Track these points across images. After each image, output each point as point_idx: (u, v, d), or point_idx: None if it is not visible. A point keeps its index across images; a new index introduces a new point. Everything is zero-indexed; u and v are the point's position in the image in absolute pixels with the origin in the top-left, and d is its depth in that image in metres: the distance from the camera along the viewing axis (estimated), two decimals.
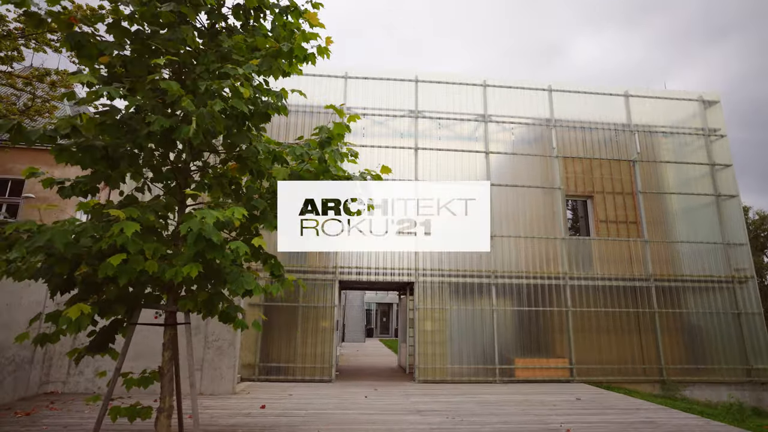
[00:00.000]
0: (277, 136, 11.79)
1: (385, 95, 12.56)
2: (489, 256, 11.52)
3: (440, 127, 12.51)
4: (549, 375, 10.84)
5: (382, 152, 12.09)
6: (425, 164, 12.09)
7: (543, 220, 11.98)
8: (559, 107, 12.84)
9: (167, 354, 4.61)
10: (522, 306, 11.26)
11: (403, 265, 11.39)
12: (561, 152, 12.50)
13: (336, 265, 11.21)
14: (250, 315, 10.74)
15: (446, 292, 11.24)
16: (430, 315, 11.09)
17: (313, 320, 10.90)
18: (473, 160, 12.26)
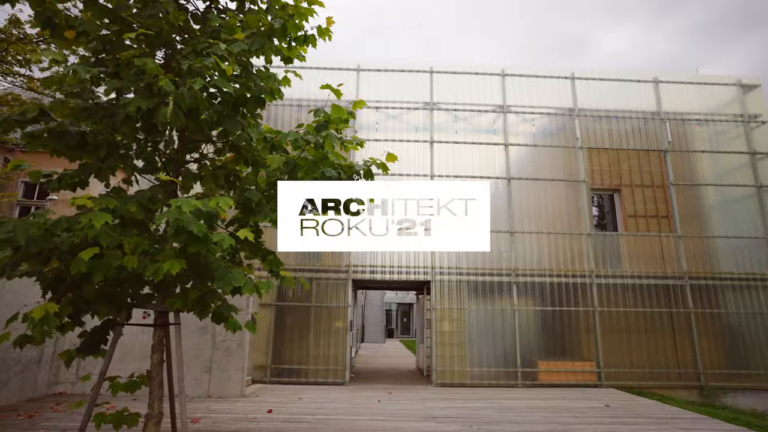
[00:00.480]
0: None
1: (398, 88, 12.13)
2: (509, 254, 10.94)
3: (457, 119, 12.00)
4: (575, 379, 10.19)
5: (396, 146, 11.65)
6: (441, 158, 11.60)
7: (567, 215, 11.33)
8: (582, 96, 12.15)
9: (156, 357, 4.30)
10: (545, 306, 10.65)
11: (419, 263, 10.93)
12: (585, 143, 11.81)
13: (349, 264, 10.84)
14: (262, 315, 10.48)
15: (464, 291, 10.72)
16: (447, 315, 10.60)
17: (326, 321, 10.55)
18: (492, 153, 11.70)
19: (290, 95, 11.90)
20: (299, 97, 11.92)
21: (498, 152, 11.70)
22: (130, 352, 8.42)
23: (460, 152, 11.68)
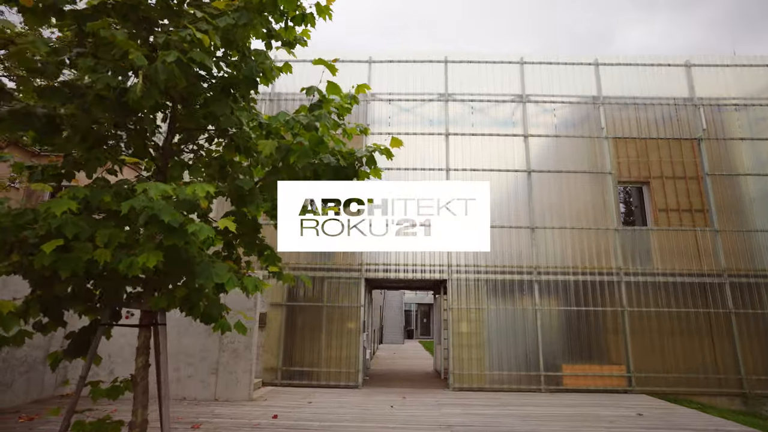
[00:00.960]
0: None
1: (412, 79, 11.68)
2: (531, 251, 10.35)
3: (473, 111, 11.46)
4: (603, 384, 9.52)
5: (409, 140, 11.20)
6: (457, 152, 11.09)
7: (592, 210, 10.66)
8: (607, 83, 11.44)
9: (141, 360, 3.97)
10: (569, 305, 10.01)
11: (434, 261, 10.45)
12: (611, 133, 11.11)
13: (362, 262, 10.44)
14: (273, 316, 10.18)
15: (483, 290, 10.18)
16: (465, 315, 10.08)
17: (338, 321, 10.18)
18: (510, 145, 11.12)
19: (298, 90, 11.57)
20: None
21: (517, 144, 11.12)
22: None
23: (477, 145, 11.14)
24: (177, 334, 8.32)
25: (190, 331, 8.32)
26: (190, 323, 8.35)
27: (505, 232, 10.49)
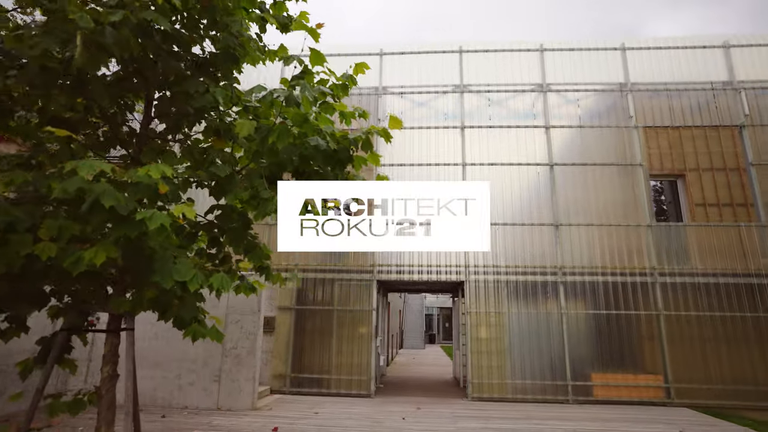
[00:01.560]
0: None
1: (425, 71, 11.12)
2: (554, 250, 9.60)
3: (490, 103, 10.81)
4: (638, 395, 8.68)
5: (422, 134, 10.64)
6: (474, 145, 10.45)
7: (621, 205, 9.83)
8: (635, 69, 10.61)
9: (107, 370, 3.54)
10: (598, 309, 9.21)
11: (450, 262, 9.82)
12: (641, 122, 10.27)
13: (374, 263, 9.90)
14: (281, 320, 9.74)
15: (503, 292, 9.49)
16: (484, 320, 9.41)
17: (349, 326, 9.66)
18: (531, 137, 10.41)
19: None
20: None
21: (538, 136, 10.40)
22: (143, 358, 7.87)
23: (495, 138, 10.48)
24: (180, 341, 7.95)
25: None
26: None
27: (526, 230, 9.78)
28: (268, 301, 9.83)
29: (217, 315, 8.08)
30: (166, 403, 7.64)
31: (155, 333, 7.97)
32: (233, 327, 7.93)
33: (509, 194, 10.04)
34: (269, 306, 9.80)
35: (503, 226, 9.82)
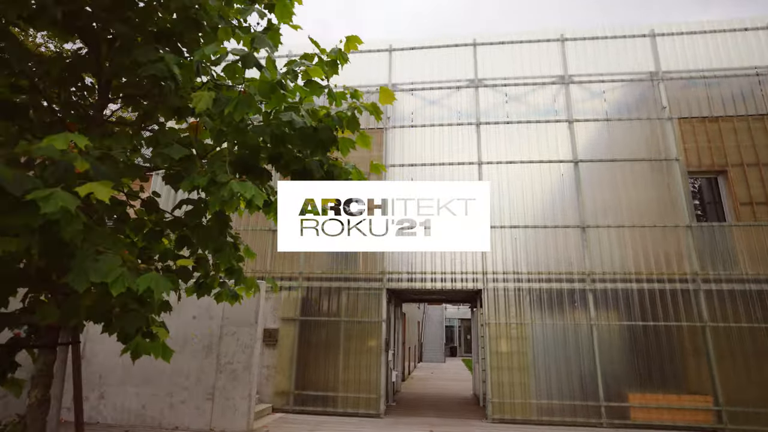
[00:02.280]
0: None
1: (437, 67, 10.47)
2: (582, 254, 8.70)
3: (507, 99, 10.05)
4: (683, 419, 7.64)
5: (435, 132, 9.96)
6: (490, 143, 9.69)
7: (656, 204, 8.88)
8: (666, 56, 9.70)
9: (35, 394, 2.93)
10: (633, 320, 8.23)
11: (467, 268, 9.02)
12: (675, 113, 9.33)
13: (383, 270, 9.19)
14: (285, 332, 9.10)
15: (526, 301, 8.63)
16: (504, 332, 8.55)
17: (357, 339, 8.94)
18: (553, 132, 9.59)
19: None
20: None
21: (561, 131, 9.57)
22: (131, 374, 7.34)
23: (513, 134, 9.70)
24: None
25: (186, 350, 7.37)
26: (185, 341, 7.42)
27: (550, 233, 8.92)
28: (272, 312, 9.23)
29: (211, 326, 7.53)
30: (156, 423, 7.06)
31: None
32: (229, 340, 7.32)
33: (530, 194, 9.22)
34: (272, 317, 9.18)
35: (524, 229, 8.99)
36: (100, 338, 7.57)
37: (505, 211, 9.15)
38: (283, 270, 9.47)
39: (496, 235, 9.02)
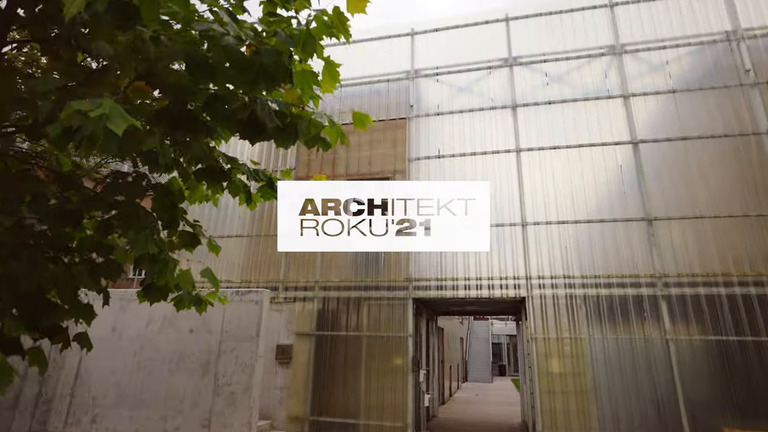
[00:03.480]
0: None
1: (464, 48, 9.33)
2: (649, 252, 7.12)
3: (548, 80, 8.70)
4: None
5: (465, 118, 8.77)
6: (530, 127, 8.37)
7: (740, 188, 7.17)
8: (748, 10, 8.03)
9: None
10: (723, 334, 6.53)
11: (507, 272, 7.67)
12: (762, 77, 7.62)
13: (409, 276, 8.01)
14: (300, 348, 8.08)
15: (580, 311, 7.13)
16: (555, 349, 7.08)
17: (381, 357, 7.76)
18: (605, 111, 8.13)
19: None
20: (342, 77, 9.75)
21: (614, 110, 8.09)
22: (125, 395, 6.56)
23: (556, 116, 8.33)
24: (168, 373, 6.56)
25: (181, 368, 6.51)
26: (181, 358, 6.56)
27: (607, 229, 7.41)
28: (285, 325, 8.26)
29: (209, 342, 6.63)
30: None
31: (137, 363, 6.65)
32: (227, 357, 6.37)
33: (579, 183, 7.77)
34: (286, 332, 8.20)
35: (574, 225, 7.54)
36: (96, 355, 6.88)
37: (551, 203, 7.75)
38: (297, 279, 8.52)
39: (540, 232, 7.63)
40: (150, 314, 6.89)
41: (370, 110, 9.33)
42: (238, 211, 9.37)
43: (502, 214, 7.92)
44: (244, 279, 8.81)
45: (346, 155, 9.31)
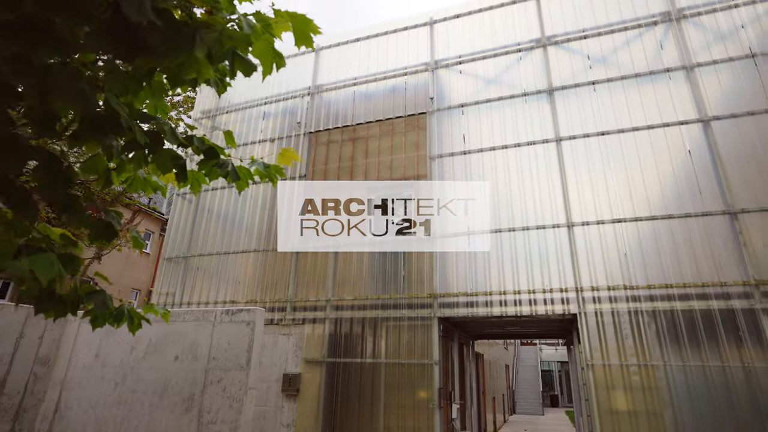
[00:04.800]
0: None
1: (489, 32, 8.28)
2: (736, 253, 5.58)
3: (590, 63, 7.45)
4: None
5: (492, 108, 7.63)
6: (571, 111, 7.11)
7: None
8: None
9: None
10: None
11: (551, 283, 6.30)
12: None
13: (433, 291, 6.79)
14: (309, 378, 6.98)
15: (651, 330, 5.63)
16: (619, 379, 5.59)
17: (401, 388, 6.52)
18: (663, 87, 6.75)
19: (343, 74, 9.05)
20: (356, 75, 8.96)
21: (675, 84, 6.70)
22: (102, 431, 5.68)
23: (603, 96, 7.03)
24: (149, 407, 5.62)
25: (164, 402, 5.56)
26: (165, 390, 5.62)
27: (677, 226, 5.94)
28: (293, 352, 7.21)
29: (195, 370, 5.66)
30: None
31: (118, 396, 5.77)
32: (213, 390, 5.36)
33: (637, 173, 6.38)
34: (294, 359, 7.15)
35: (634, 223, 6.13)
36: (78, 384, 6.10)
37: (602, 199, 6.39)
38: (307, 297, 7.50)
39: (591, 234, 6.25)
40: (135, 339, 6.05)
41: (387, 110, 8.40)
42: (245, 223, 8.56)
43: (542, 213, 6.62)
44: (250, 299, 7.89)
45: (365, 161, 8.36)
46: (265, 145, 9.15)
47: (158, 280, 8.69)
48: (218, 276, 8.29)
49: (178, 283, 8.55)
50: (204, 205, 9.10)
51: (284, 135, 9.04)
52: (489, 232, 6.82)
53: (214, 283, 8.21)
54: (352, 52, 9.21)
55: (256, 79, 9.97)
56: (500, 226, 6.79)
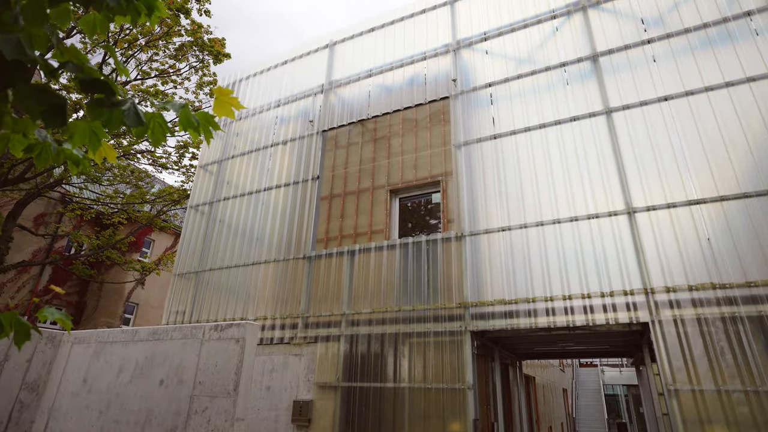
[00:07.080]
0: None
1: (518, 1, 7.25)
2: None
3: (646, 27, 6.21)
4: None
5: (525, 84, 6.53)
6: (622, 78, 5.88)
7: None
8: None
9: None
10: None
11: (612, 284, 5.00)
12: None
13: (463, 300, 5.65)
14: (323, 405, 5.98)
15: (760, 342, 4.21)
16: (718, 410, 4.17)
17: (429, 418, 5.36)
18: (745, 35, 5.40)
19: (358, 68, 8.29)
20: (372, 67, 8.17)
21: (758, 45, 5.34)
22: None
23: (658, 58, 5.76)
24: None
25: (150, 426, 4.74)
26: (148, 420, 4.81)
27: None
28: (305, 375, 6.25)
29: (179, 397, 4.83)
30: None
31: (101, 426, 5.03)
32: (197, 421, 4.48)
33: (717, 141, 5.03)
34: (305, 385, 6.18)
35: (719, 203, 4.77)
36: (65, 413, 5.45)
37: (671, 175, 5.08)
38: (320, 311, 6.56)
39: (660, 221, 4.94)
40: (123, 360, 5.35)
41: (405, 101, 7.50)
42: (258, 233, 7.83)
43: (594, 200, 5.38)
44: (260, 315, 7.06)
45: (387, 162, 7.45)
46: (277, 149, 8.49)
47: (168, 298, 8.09)
48: (228, 291, 7.56)
49: (188, 300, 7.91)
50: (216, 215, 8.50)
51: (297, 136, 8.34)
52: (529, 226, 5.64)
53: (224, 299, 7.48)
54: (367, 43, 8.46)
55: (269, 84, 9.43)
56: (542, 218, 5.60)
